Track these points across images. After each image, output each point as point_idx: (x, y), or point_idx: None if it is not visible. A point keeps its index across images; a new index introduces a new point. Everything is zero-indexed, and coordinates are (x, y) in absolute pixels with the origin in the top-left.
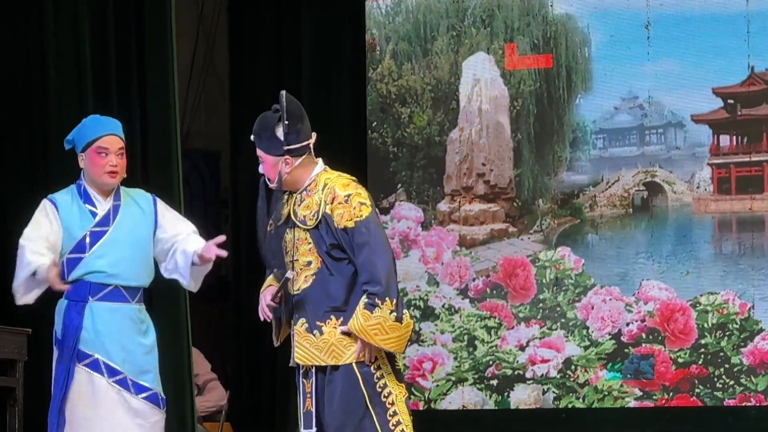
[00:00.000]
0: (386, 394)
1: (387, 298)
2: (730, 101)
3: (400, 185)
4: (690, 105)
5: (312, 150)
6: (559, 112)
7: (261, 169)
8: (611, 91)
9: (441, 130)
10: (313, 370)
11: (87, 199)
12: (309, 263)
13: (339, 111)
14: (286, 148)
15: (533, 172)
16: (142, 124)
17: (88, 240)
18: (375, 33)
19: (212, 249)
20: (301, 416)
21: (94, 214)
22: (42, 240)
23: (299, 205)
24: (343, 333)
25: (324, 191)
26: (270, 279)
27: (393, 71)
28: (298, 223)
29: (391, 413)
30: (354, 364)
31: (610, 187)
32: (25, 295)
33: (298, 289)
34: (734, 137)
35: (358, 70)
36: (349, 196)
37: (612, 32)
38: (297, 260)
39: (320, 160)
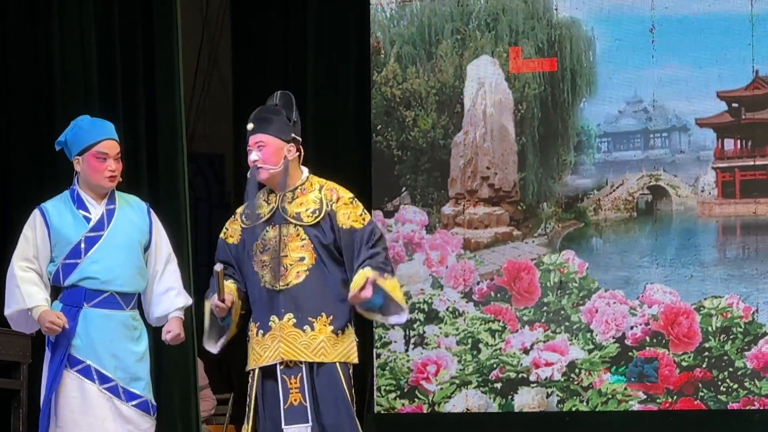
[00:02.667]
0: (354, 401)
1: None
2: (735, 105)
3: (404, 188)
4: (694, 109)
5: (302, 155)
6: (563, 116)
7: (254, 156)
8: (616, 95)
9: (445, 133)
10: (303, 365)
11: (80, 204)
12: (302, 259)
13: (344, 114)
14: (293, 135)
15: (537, 175)
16: (147, 127)
17: (83, 245)
18: (380, 36)
19: (168, 337)
20: (282, 412)
21: (88, 219)
22: (32, 261)
23: (290, 203)
24: (333, 332)
25: (323, 191)
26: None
27: (398, 74)
28: (290, 219)
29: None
30: (337, 364)
31: (614, 190)
32: (19, 327)
33: (288, 284)
34: (738, 141)
35: (363, 73)
36: (353, 198)
37: (617, 36)
38: (286, 256)
39: (306, 169)
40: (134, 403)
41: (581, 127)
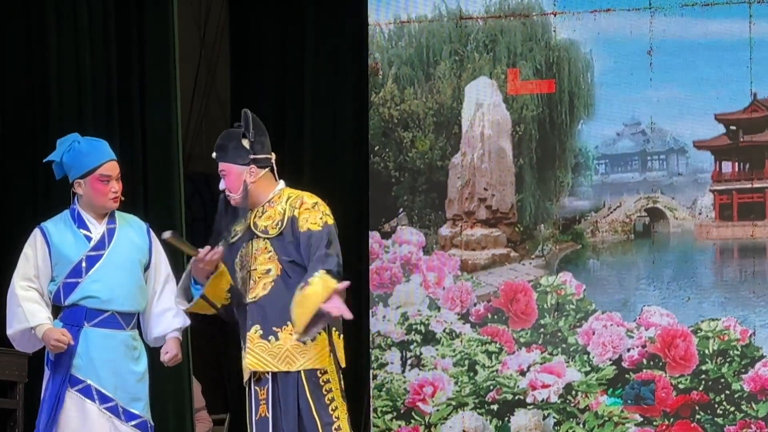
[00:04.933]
0: (333, 408)
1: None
2: (733, 128)
3: (401, 209)
4: (692, 131)
5: (274, 169)
6: (561, 138)
7: (222, 185)
8: (613, 117)
9: (443, 154)
10: (269, 376)
11: (81, 223)
12: (268, 271)
13: (341, 135)
14: (252, 157)
15: (535, 197)
16: (144, 147)
17: (84, 264)
18: (377, 57)
19: (166, 357)
20: (253, 424)
21: (89, 239)
22: (33, 280)
23: (260, 217)
24: (299, 340)
25: (289, 201)
26: None
27: (395, 95)
28: (258, 233)
29: (336, 427)
30: (303, 372)
31: (611, 212)
32: (21, 346)
33: (255, 297)
34: (736, 164)
35: (361, 94)
36: (316, 203)
37: (615, 58)
38: (255, 269)
39: (282, 181)
40: (134, 423)
41: (579, 148)
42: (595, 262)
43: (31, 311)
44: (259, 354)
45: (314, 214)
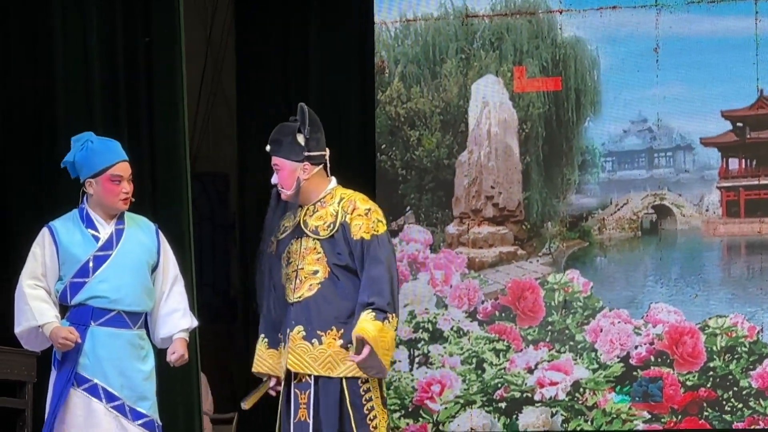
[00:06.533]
0: (371, 417)
1: (394, 314)
2: (739, 124)
3: (408, 208)
4: (699, 128)
5: (327, 165)
6: (568, 135)
7: (275, 179)
8: (620, 114)
9: (450, 152)
10: (311, 380)
11: (89, 223)
12: (315, 272)
13: (348, 133)
14: (306, 154)
15: (542, 194)
16: (151, 147)
17: (91, 264)
18: (384, 55)
19: (173, 358)
20: (291, 426)
21: (96, 239)
22: (41, 279)
23: (311, 216)
24: (342, 346)
25: (341, 203)
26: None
27: (402, 94)
28: (308, 232)
29: None
30: (344, 380)
31: (618, 209)
32: (29, 345)
33: (300, 297)
34: (743, 160)
35: (367, 92)
36: (369, 210)
37: (621, 55)
38: (302, 269)
39: (334, 178)
40: (141, 422)
41: (585, 146)
42: (603, 260)
43: (38, 310)
44: (300, 356)
45: (367, 221)
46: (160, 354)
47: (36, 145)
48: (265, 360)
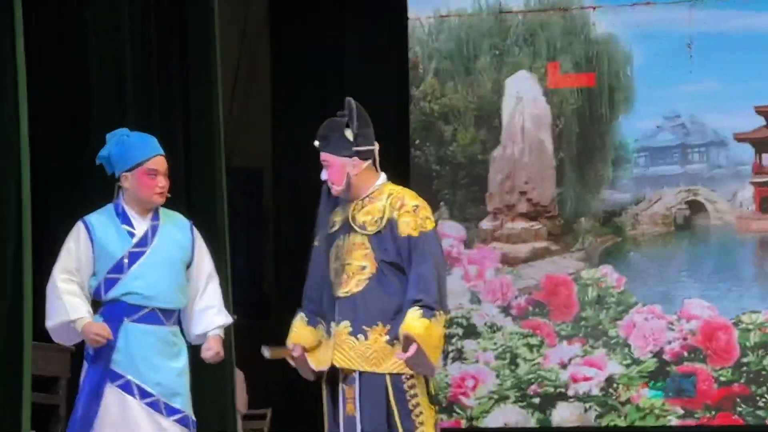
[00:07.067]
0: (417, 413)
1: (442, 311)
2: None
3: (442, 203)
4: (732, 124)
5: (377, 160)
6: (601, 131)
7: (324, 175)
8: (653, 110)
9: (484, 148)
10: (357, 375)
11: (125, 219)
12: (363, 267)
13: (382, 129)
14: (355, 149)
15: (575, 190)
16: (185, 143)
17: (126, 261)
18: (418, 51)
19: (208, 355)
20: (342, 422)
21: (132, 235)
22: (74, 274)
23: (360, 211)
24: (388, 342)
25: (390, 199)
26: (300, 325)
27: (436, 89)
28: (356, 228)
29: None
30: (389, 376)
31: (652, 205)
32: (61, 339)
33: (348, 292)
34: None
35: (401, 88)
36: (417, 207)
37: (654, 51)
38: (350, 264)
39: (383, 174)
40: (175, 418)
41: (619, 142)
42: (636, 255)
43: (71, 304)
44: (346, 351)
45: (415, 218)
46: (194, 350)
47: (70, 140)
48: (299, 332)
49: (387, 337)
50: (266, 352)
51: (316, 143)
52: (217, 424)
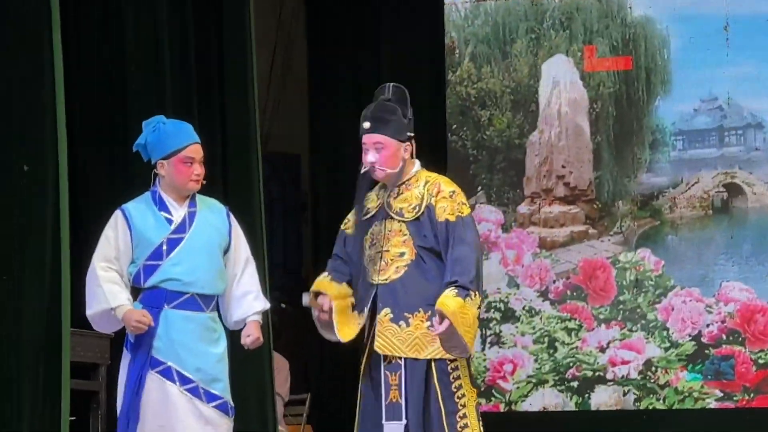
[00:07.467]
0: (459, 396)
1: (478, 292)
2: None
3: (480, 188)
4: None
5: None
6: (638, 114)
7: (372, 158)
8: (690, 93)
9: (520, 132)
10: (401, 362)
11: (162, 206)
12: (402, 254)
13: (419, 114)
14: (409, 134)
15: (613, 174)
16: (222, 129)
17: (165, 247)
18: (454, 36)
19: (248, 341)
20: (383, 408)
21: (170, 221)
22: (113, 262)
23: (395, 198)
24: (429, 328)
25: (426, 186)
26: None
27: (472, 74)
28: (393, 214)
29: (461, 415)
30: (433, 361)
31: (689, 188)
32: (101, 327)
33: (387, 279)
34: None
35: (438, 73)
36: (453, 192)
37: (691, 34)
38: (387, 251)
39: (418, 161)
40: (214, 404)
41: (656, 125)
42: (674, 238)
43: (111, 292)
44: (389, 338)
45: (451, 203)
46: (232, 335)
47: (108, 129)
48: (323, 283)
49: (428, 323)
50: (305, 299)
51: (366, 125)
52: (255, 410)
